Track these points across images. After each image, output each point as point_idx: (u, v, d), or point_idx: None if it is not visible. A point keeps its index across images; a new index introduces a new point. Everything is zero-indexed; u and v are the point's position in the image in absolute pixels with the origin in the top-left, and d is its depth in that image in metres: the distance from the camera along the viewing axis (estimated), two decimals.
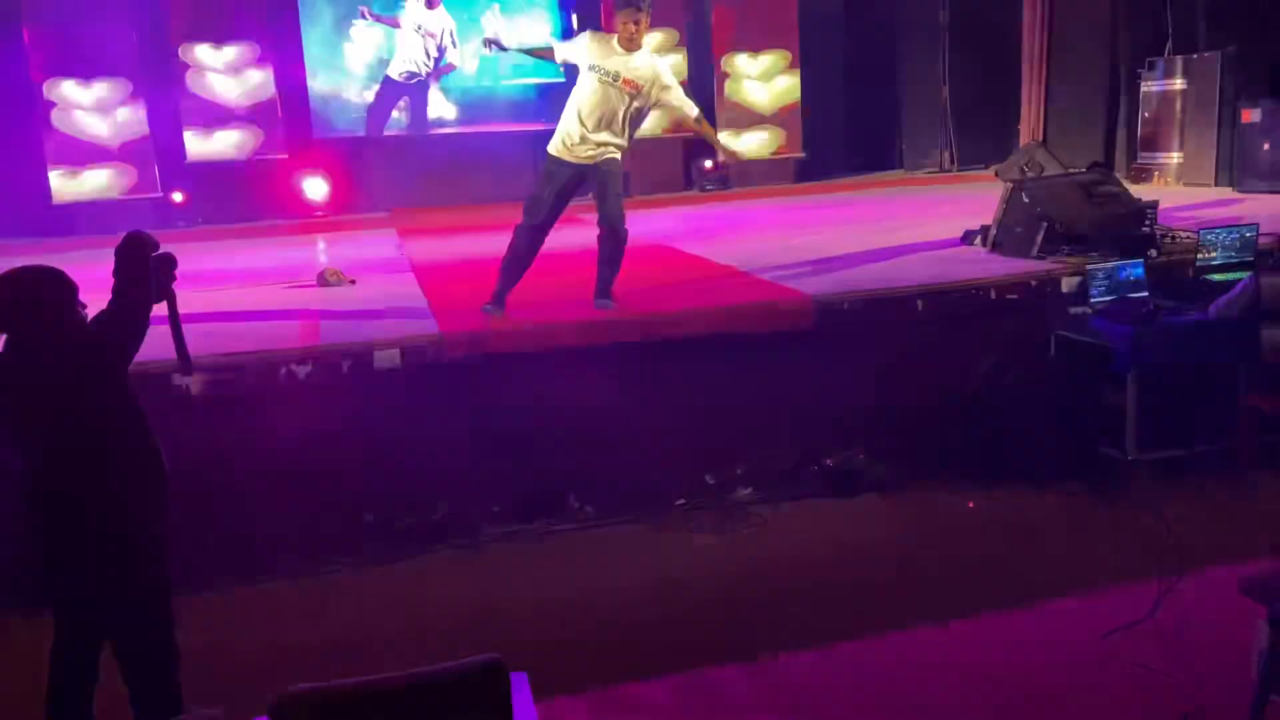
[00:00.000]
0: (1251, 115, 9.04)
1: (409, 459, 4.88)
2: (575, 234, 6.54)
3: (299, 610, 3.34)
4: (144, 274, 3.05)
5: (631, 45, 5.17)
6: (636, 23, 5.12)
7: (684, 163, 12.68)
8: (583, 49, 5.26)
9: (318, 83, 11.74)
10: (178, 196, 10.99)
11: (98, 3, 10.30)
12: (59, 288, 2.97)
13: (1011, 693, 3.41)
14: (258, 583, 4.43)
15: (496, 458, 5.00)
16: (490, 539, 4.91)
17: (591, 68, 5.20)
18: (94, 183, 10.67)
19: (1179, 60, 10.02)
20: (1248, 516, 4.57)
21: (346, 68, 11.87)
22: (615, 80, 5.16)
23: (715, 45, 12.45)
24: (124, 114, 10.69)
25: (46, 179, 10.54)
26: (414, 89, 12.09)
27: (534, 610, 4.18)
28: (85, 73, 10.54)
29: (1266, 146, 8.86)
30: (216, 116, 11.08)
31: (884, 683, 3.53)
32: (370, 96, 11.96)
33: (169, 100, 10.94)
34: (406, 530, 4.88)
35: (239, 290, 6.83)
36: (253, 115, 11.18)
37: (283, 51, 11.40)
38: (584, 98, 5.22)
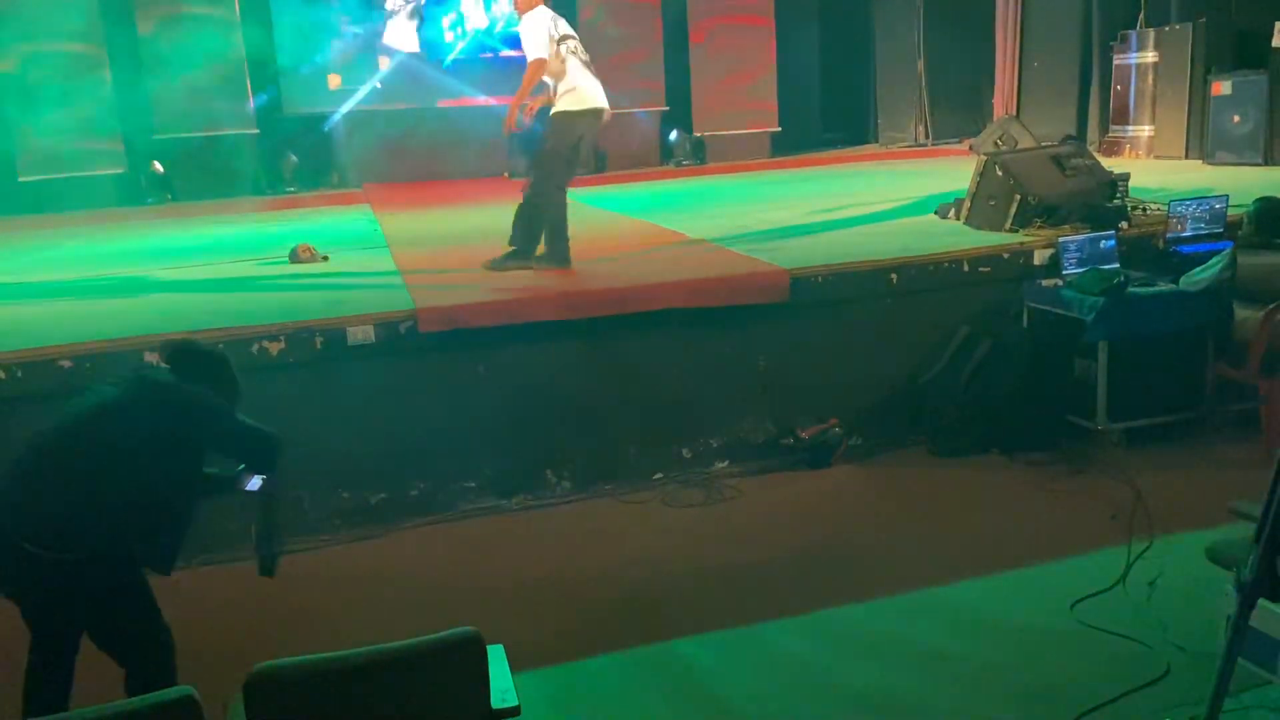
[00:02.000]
0: (1222, 88, 9.10)
1: (384, 435, 4.86)
2: None
3: (274, 586, 3.34)
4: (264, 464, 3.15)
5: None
6: None
7: (659, 137, 12.64)
8: (545, 27, 5.58)
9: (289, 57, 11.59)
10: (158, 166, 10.84)
11: None
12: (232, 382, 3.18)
13: (983, 658, 3.46)
14: (231, 559, 4.41)
15: (473, 433, 4.99)
16: (467, 514, 4.91)
17: (563, 39, 5.54)
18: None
19: (1151, 33, 10.06)
20: (1215, 484, 4.63)
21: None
22: (577, 46, 5.69)
23: (691, 14, 12.40)
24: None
25: (13, 156, 10.36)
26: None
27: (511, 584, 4.19)
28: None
29: (1236, 119, 8.93)
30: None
31: (860, 649, 3.57)
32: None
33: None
34: (382, 506, 4.87)
35: (210, 266, 6.76)
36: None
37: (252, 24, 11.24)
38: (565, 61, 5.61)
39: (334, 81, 11.77)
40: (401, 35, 11.98)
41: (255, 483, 3.15)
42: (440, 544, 4.66)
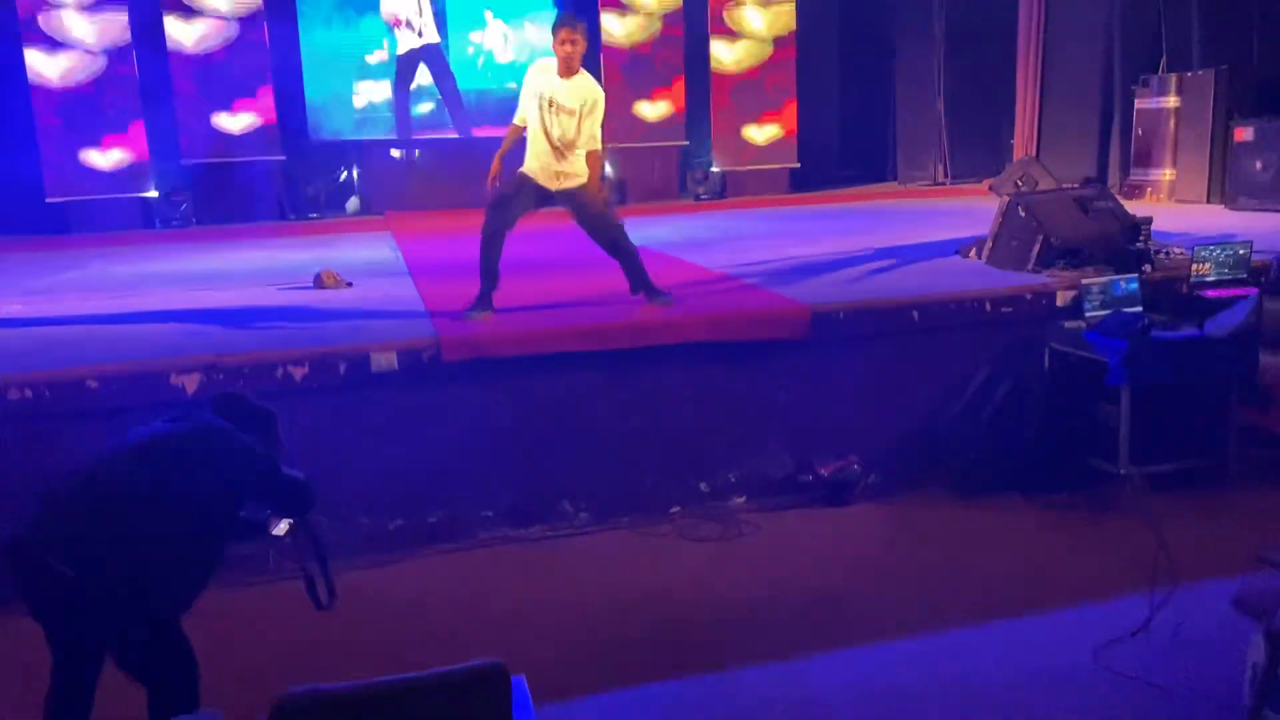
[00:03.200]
0: (1244, 134, 9.12)
1: (404, 461, 4.87)
2: (568, 240, 6.56)
3: (295, 612, 3.34)
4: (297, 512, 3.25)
5: (569, 70, 5.33)
6: (573, 42, 5.26)
7: (679, 171, 12.72)
8: (527, 85, 5.47)
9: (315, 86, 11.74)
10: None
11: None
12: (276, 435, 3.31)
13: (1005, 704, 3.42)
14: (252, 584, 4.41)
15: (492, 461, 5.00)
16: (485, 543, 4.91)
17: (534, 95, 5.39)
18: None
19: (1172, 77, 10.10)
20: (1240, 531, 4.60)
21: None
22: (550, 105, 5.34)
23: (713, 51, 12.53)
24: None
25: (40, 176, 10.51)
26: (424, 53, 12.05)
27: (530, 615, 4.18)
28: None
29: (1259, 165, 8.94)
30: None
31: (877, 692, 3.54)
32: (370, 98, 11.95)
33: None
34: (400, 533, 4.87)
35: (234, 291, 6.82)
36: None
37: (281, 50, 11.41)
38: (532, 124, 5.43)
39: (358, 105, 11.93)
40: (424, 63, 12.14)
41: (283, 527, 3.20)
42: (458, 572, 4.66)
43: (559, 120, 5.35)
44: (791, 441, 5.39)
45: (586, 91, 5.37)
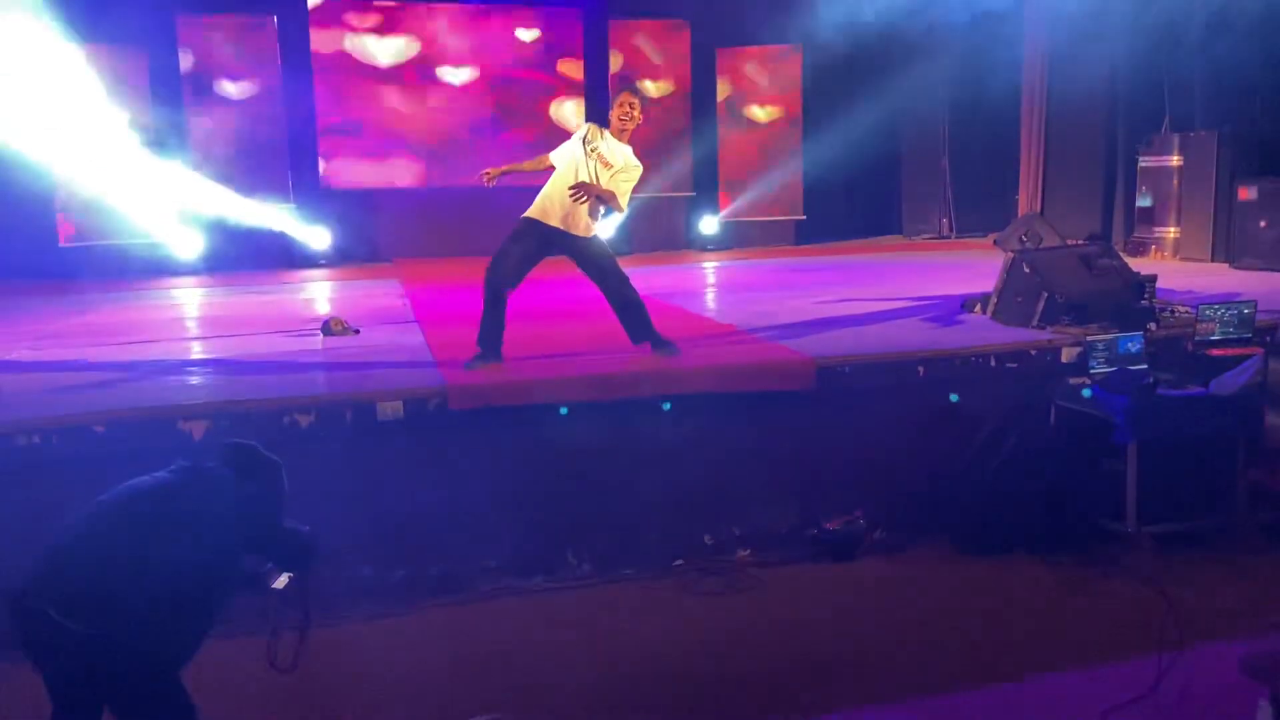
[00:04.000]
0: (1248, 193, 9.17)
1: (408, 511, 4.87)
2: (577, 287, 6.60)
3: (298, 663, 3.32)
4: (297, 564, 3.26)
5: (620, 134, 5.45)
6: (631, 106, 5.40)
7: (685, 221, 12.83)
8: (575, 134, 5.61)
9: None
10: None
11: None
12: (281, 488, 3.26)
13: None
14: (250, 633, 4.38)
15: (496, 511, 4.99)
16: (487, 594, 4.88)
17: (580, 140, 5.50)
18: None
19: (1175, 137, 10.20)
20: (1248, 593, 4.56)
21: None
22: (593, 152, 5.41)
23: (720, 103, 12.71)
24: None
25: (54, 222, 10.62)
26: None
27: (531, 669, 4.14)
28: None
29: (1263, 224, 8.98)
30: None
31: None
32: None
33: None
34: (402, 584, 4.85)
35: (242, 338, 6.86)
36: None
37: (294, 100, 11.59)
38: (563, 166, 5.49)
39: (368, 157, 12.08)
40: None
41: (282, 580, 3.19)
42: (460, 624, 4.62)
43: (593, 166, 5.43)
44: (796, 495, 5.37)
45: (630, 157, 5.50)
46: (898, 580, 5.01)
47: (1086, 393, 5.26)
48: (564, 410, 5.06)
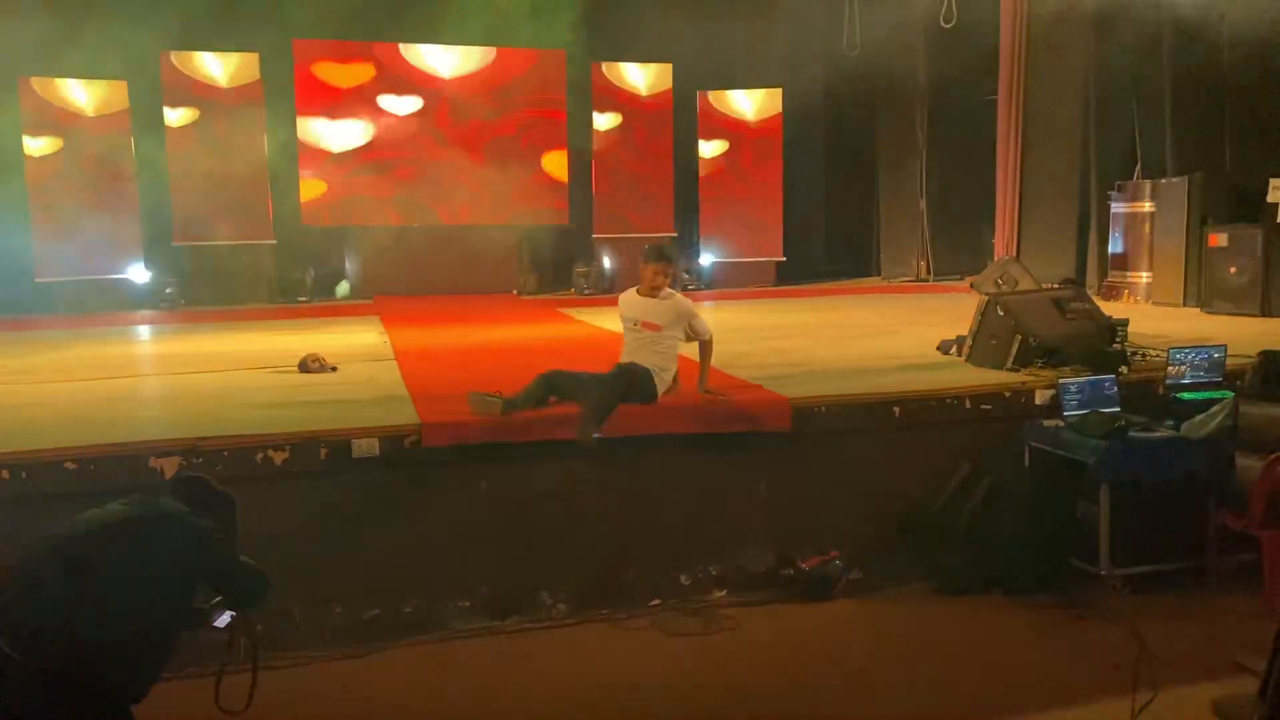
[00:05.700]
0: (1219, 239, 9.32)
1: (381, 549, 4.83)
2: (557, 328, 6.62)
3: (265, 701, 3.27)
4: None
5: (652, 292, 5.59)
6: (665, 273, 5.63)
7: None
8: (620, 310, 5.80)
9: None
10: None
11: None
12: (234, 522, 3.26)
13: None
14: (221, 671, 4.31)
15: (470, 550, 4.96)
16: (459, 634, 4.83)
17: (622, 319, 5.69)
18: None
19: (1147, 184, 10.37)
20: (1220, 636, 4.58)
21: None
22: (635, 324, 5.55)
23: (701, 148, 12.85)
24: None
25: (30, 256, 10.58)
26: None
27: (505, 710, 4.10)
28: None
29: (1233, 270, 9.13)
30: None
31: None
32: None
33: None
34: (374, 623, 4.80)
35: (217, 374, 6.82)
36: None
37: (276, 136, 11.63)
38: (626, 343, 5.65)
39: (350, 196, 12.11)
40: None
41: (225, 619, 3.14)
42: (432, 666, 4.57)
43: (648, 338, 5.52)
44: (773, 535, 5.37)
45: (675, 308, 5.59)
46: (873, 621, 5.00)
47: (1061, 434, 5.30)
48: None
